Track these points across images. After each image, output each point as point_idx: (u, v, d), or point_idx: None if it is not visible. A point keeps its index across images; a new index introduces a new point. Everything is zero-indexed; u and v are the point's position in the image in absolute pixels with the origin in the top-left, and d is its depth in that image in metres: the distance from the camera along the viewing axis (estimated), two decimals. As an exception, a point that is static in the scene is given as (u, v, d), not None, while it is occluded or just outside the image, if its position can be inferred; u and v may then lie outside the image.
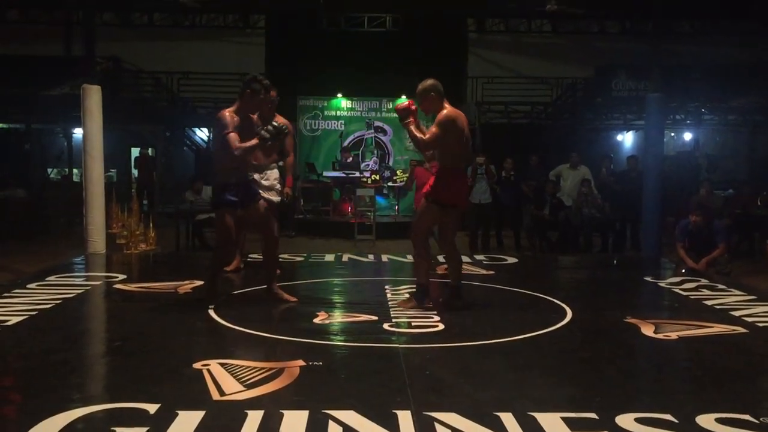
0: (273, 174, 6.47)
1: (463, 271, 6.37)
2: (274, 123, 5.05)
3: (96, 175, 8.33)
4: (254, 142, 4.95)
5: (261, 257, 5.66)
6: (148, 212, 11.12)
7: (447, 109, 5.06)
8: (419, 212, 5.31)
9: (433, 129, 5.04)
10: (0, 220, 10.75)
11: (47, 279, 6.28)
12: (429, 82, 5.11)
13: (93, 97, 8.26)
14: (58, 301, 5.35)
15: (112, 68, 14.95)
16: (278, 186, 6.52)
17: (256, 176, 6.41)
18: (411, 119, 5.08)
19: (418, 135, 5.05)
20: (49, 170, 16.92)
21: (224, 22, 17.96)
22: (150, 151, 16.25)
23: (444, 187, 5.10)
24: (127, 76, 16.30)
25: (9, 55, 15.77)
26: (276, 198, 6.49)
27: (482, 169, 10.20)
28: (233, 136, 4.92)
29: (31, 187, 13.01)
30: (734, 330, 4.68)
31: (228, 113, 5.00)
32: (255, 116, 5.19)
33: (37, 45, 16.40)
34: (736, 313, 5.15)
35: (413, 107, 5.11)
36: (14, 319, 4.71)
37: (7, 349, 4.12)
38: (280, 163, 6.58)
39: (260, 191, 6.40)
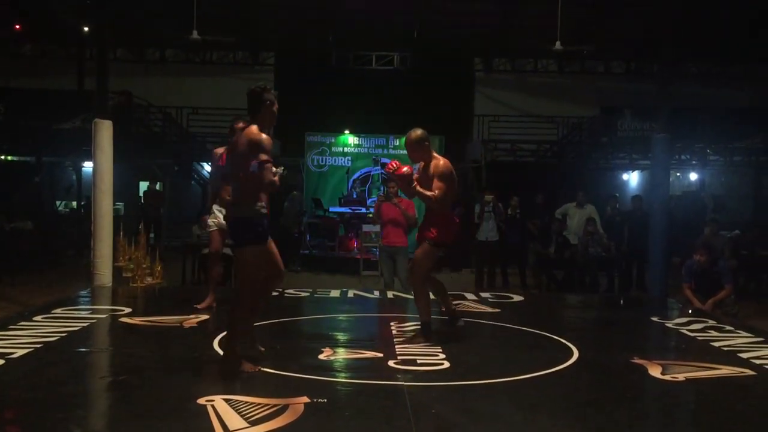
0: None
1: (469, 309, 6.32)
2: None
3: (105, 208, 8.37)
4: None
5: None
6: (154, 246, 11.16)
7: (443, 159, 5.20)
8: (420, 256, 5.26)
9: (440, 184, 5.11)
10: (8, 252, 10.79)
11: (53, 311, 6.27)
12: (419, 131, 5.20)
13: (104, 132, 8.35)
14: (63, 334, 5.34)
15: (125, 102, 15.13)
16: None
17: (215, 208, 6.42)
18: (414, 183, 5.17)
19: (429, 194, 5.14)
20: (58, 203, 17.03)
21: (234, 59, 18.27)
22: (158, 185, 16.37)
23: (446, 231, 5.25)
24: (137, 111, 16.49)
25: (22, 89, 16.04)
26: None
27: (490, 207, 10.22)
28: (270, 166, 4.21)
29: (41, 220, 13.07)
30: (742, 372, 4.64)
31: (265, 136, 4.22)
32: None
33: (51, 79, 16.68)
34: (744, 355, 5.11)
35: (408, 169, 5.19)
36: (20, 352, 4.71)
37: (13, 381, 4.11)
38: None
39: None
